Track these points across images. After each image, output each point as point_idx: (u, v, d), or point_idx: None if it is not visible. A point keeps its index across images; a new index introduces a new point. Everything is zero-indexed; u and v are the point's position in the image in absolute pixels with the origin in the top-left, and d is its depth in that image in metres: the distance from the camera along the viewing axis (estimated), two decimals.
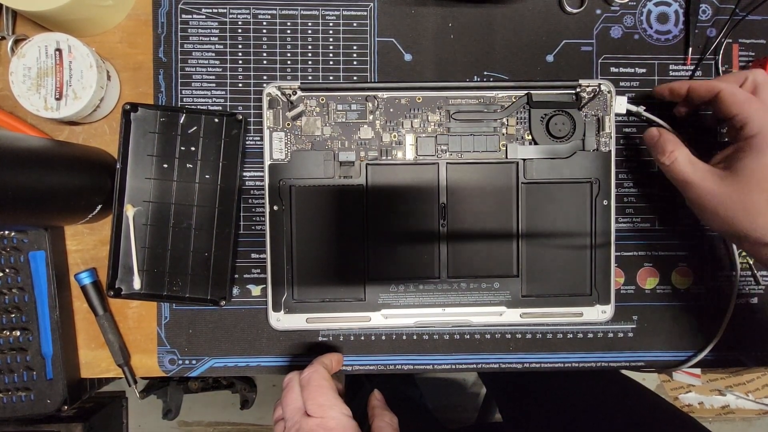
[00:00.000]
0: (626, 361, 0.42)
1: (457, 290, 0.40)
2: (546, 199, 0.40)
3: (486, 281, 0.40)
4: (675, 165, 0.34)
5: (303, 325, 0.40)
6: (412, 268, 0.40)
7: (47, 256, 0.39)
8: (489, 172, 0.40)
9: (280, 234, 0.40)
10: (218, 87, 0.41)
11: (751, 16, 0.41)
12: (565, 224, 0.40)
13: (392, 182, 0.40)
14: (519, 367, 0.42)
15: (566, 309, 0.40)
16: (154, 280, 0.40)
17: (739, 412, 1.04)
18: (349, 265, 0.40)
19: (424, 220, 0.40)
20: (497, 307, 0.40)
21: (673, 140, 0.35)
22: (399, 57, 0.41)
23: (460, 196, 0.40)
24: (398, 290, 0.40)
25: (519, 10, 0.41)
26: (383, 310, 0.40)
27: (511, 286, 0.40)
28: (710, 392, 1.03)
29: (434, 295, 0.40)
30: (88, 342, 0.41)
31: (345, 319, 0.40)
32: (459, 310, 0.40)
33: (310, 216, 0.40)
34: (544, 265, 0.40)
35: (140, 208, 0.39)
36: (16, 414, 0.39)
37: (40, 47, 0.37)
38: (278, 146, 0.40)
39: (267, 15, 0.41)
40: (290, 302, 0.40)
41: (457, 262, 0.40)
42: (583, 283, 0.40)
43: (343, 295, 0.40)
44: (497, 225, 0.40)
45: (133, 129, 0.39)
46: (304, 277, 0.40)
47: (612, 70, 0.42)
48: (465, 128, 0.40)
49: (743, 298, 0.42)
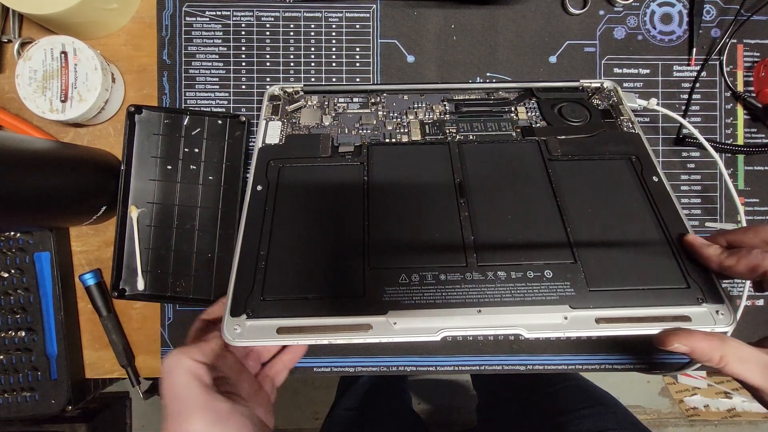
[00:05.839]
0: (631, 363, 0.42)
1: (493, 282, 0.28)
2: (582, 176, 0.33)
3: (533, 269, 0.29)
4: (727, 369, 0.26)
5: (272, 337, 0.27)
6: (428, 254, 0.29)
7: (52, 257, 0.39)
8: (508, 151, 0.35)
9: (258, 216, 0.31)
10: (222, 89, 0.41)
11: (756, 16, 0.41)
12: (616, 203, 0.32)
13: (397, 163, 0.34)
14: (522, 369, 0.42)
15: (662, 310, 0.27)
16: (158, 281, 0.40)
17: (746, 415, 1.03)
18: (342, 252, 0.30)
19: (438, 200, 0.32)
20: (557, 306, 0.27)
21: (709, 341, 0.25)
22: (401, 58, 0.41)
23: (478, 176, 0.33)
24: (410, 283, 0.28)
25: (521, 11, 0.41)
26: (390, 312, 0.27)
27: (570, 275, 0.29)
28: (716, 395, 1.02)
29: (462, 290, 0.28)
30: (92, 342, 0.42)
31: (334, 329, 0.27)
32: (502, 313, 0.27)
33: (298, 196, 0.32)
34: (605, 250, 0.30)
35: (144, 210, 0.39)
36: (21, 414, 0.39)
37: (45, 50, 0.37)
38: (273, 133, 0.37)
39: (270, 17, 0.41)
40: (256, 302, 0.28)
41: (486, 245, 0.30)
42: (669, 274, 0.29)
43: (332, 290, 0.28)
44: (530, 204, 0.32)
45: (137, 131, 0.39)
46: (281, 265, 0.29)
47: (615, 71, 0.42)
48: (473, 116, 0.38)
49: (750, 300, 0.42)
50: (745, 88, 0.42)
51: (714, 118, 0.42)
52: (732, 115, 0.42)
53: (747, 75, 0.42)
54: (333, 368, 0.41)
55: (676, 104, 0.42)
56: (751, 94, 0.41)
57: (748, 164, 0.42)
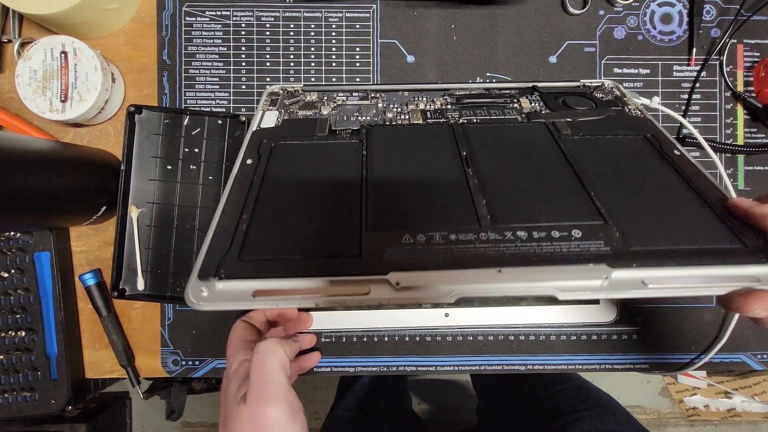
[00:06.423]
0: (631, 363, 0.42)
1: (513, 242, 0.24)
2: (597, 152, 0.30)
3: (558, 230, 0.24)
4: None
5: (247, 301, 0.22)
6: (434, 216, 0.26)
7: (52, 257, 0.39)
8: (514, 131, 0.33)
9: (243, 188, 0.28)
10: (222, 89, 0.41)
11: (756, 16, 0.41)
12: (639, 174, 0.29)
13: (399, 141, 0.32)
14: (522, 369, 0.42)
15: (724, 270, 0.22)
16: (158, 281, 0.40)
17: (746, 415, 1.03)
18: (336, 214, 0.27)
19: (444, 170, 0.29)
20: (593, 266, 0.22)
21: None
22: (402, 58, 0.41)
23: (485, 151, 0.31)
24: (415, 243, 0.24)
25: (521, 12, 0.41)
26: (392, 274, 0.22)
27: (603, 234, 0.24)
28: (716, 395, 1.02)
29: (477, 249, 0.23)
30: (92, 342, 0.42)
31: (324, 291, 0.22)
32: (528, 272, 0.22)
33: (291, 169, 0.30)
34: (637, 213, 0.26)
35: (144, 210, 0.39)
36: (21, 414, 0.39)
37: (45, 50, 0.37)
38: (269, 119, 0.35)
39: (270, 17, 0.41)
40: (232, 263, 0.23)
41: (501, 208, 0.26)
42: (716, 234, 0.25)
43: (323, 250, 0.24)
44: (544, 173, 0.29)
45: (137, 131, 0.39)
46: (265, 227, 0.26)
47: (615, 71, 0.42)
48: (476, 105, 0.36)
49: None
50: (745, 88, 0.42)
51: (714, 118, 0.42)
52: (732, 115, 0.42)
53: (747, 75, 0.42)
54: (333, 368, 0.41)
55: (676, 104, 0.42)
56: (751, 94, 0.41)
57: (748, 164, 0.42)
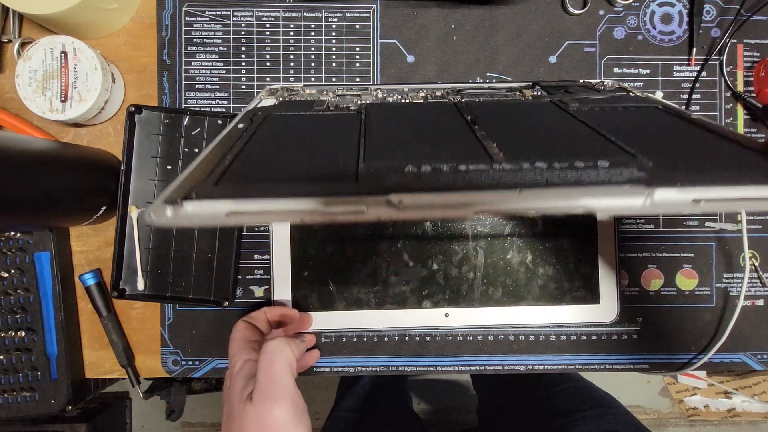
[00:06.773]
0: (630, 363, 0.42)
1: (531, 171, 0.20)
2: (614, 118, 0.29)
3: (581, 160, 0.20)
4: None
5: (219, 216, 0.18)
6: (438, 152, 0.24)
7: (52, 257, 0.39)
8: (520, 107, 0.32)
9: (232, 140, 0.25)
10: (222, 89, 0.41)
11: (756, 16, 0.41)
12: (659, 131, 0.27)
13: (400, 114, 0.31)
14: (522, 369, 0.42)
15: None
16: (158, 281, 0.40)
17: (746, 415, 1.03)
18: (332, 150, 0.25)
19: (448, 127, 0.28)
20: (629, 186, 0.19)
21: None
22: (401, 59, 0.41)
23: (491, 119, 0.28)
24: (420, 173, 0.21)
25: (521, 11, 0.41)
26: (392, 195, 0.18)
27: (633, 162, 0.21)
28: (716, 395, 1.02)
29: (492, 175, 0.20)
30: (92, 342, 0.42)
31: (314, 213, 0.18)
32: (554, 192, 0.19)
33: (283, 132, 0.28)
34: (668, 148, 0.24)
35: (144, 210, 0.39)
36: (21, 414, 0.39)
37: (45, 50, 0.37)
38: (265, 103, 0.34)
39: (270, 17, 0.41)
40: (207, 187, 0.19)
41: (515, 148, 0.24)
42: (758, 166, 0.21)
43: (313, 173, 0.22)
44: (557, 130, 0.27)
45: (137, 131, 0.39)
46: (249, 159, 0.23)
47: (615, 71, 0.42)
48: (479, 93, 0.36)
49: (749, 300, 0.42)
50: (745, 88, 0.42)
51: (714, 118, 0.42)
52: (732, 115, 0.42)
53: (747, 75, 0.42)
54: (333, 368, 0.41)
55: (676, 104, 0.42)
56: (751, 94, 0.41)
57: None
